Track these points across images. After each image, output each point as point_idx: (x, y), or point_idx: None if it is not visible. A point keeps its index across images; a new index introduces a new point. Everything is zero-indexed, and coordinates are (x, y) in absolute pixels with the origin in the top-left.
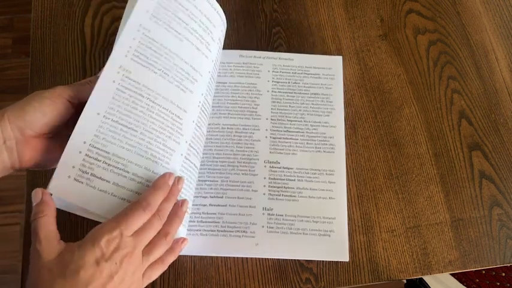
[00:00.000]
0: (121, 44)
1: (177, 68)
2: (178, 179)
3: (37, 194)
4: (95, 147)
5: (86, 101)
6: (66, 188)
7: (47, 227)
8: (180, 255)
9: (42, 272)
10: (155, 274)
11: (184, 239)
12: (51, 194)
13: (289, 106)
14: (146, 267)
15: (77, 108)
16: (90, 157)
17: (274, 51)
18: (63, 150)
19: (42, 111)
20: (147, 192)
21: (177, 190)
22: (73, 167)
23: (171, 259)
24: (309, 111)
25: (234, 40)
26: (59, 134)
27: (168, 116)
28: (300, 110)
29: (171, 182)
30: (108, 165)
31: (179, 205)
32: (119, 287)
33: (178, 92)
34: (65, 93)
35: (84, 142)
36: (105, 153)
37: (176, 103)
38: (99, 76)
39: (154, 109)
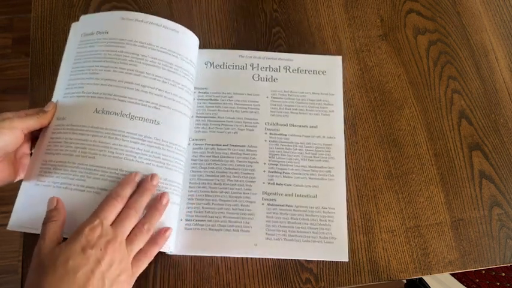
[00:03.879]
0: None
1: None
2: (152, 175)
3: (52, 201)
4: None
5: (34, 131)
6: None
7: (54, 231)
8: (180, 255)
9: (38, 264)
10: (141, 266)
11: (167, 229)
12: None
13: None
14: (132, 259)
15: (25, 136)
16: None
17: (274, 51)
18: (8, 172)
19: (4, 140)
20: (115, 186)
21: (149, 185)
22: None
23: (154, 250)
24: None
25: (234, 40)
26: (6, 158)
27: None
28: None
29: (137, 179)
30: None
31: (158, 198)
32: (108, 274)
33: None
34: (20, 125)
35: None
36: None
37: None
38: (46, 110)
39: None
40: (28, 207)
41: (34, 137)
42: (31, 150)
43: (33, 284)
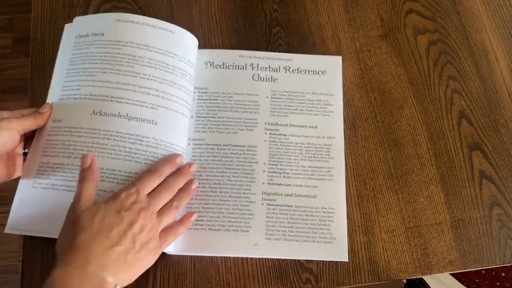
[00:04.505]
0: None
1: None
2: (190, 163)
3: (87, 159)
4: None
5: (29, 132)
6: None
7: (89, 191)
8: (180, 255)
9: (74, 221)
10: (167, 242)
11: (192, 213)
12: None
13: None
14: (160, 233)
15: (21, 136)
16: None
17: (274, 51)
18: (2, 172)
19: (3, 141)
20: (157, 162)
21: (187, 171)
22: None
23: (180, 230)
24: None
25: (234, 40)
26: (1, 158)
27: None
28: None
29: (178, 161)
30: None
31: (189, 183)
32: (138, 238)
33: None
34: (17, 126)
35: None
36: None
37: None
38: (41, 112)
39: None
40: (26, 210)
41: (27, 137)
42: (23, 150)
43: (68, 239)
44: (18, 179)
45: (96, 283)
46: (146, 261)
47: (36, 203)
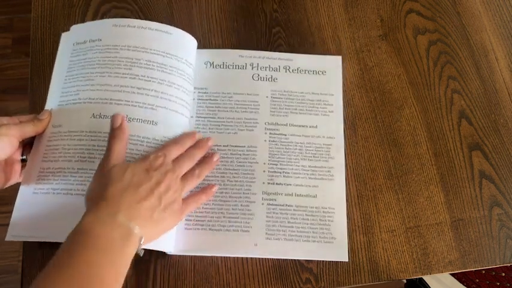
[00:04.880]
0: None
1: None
2: (208, 138)
3: (117, 119)
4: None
5: (27, 138)
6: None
7: (119, 149)
8: (180, 255)
9: (103, 175)
10: (189, 208)
11: (213, 185)
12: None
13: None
14: (182, 200)
15: (19, 143)
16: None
17: (274, 51)
18: (1, 177)
19: (2, 147)
20: (179, 136)
21: (205, 144)
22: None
23: (202, 198)
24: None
25: (234, 40)
26: None
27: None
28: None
29: (198, 137)
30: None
31: (210, 155)
32: (164, 197)
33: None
34: (17, 132)
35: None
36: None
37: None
38: (41, 118)
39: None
40: (27, 217)
41: (24, 144)
42: (21, 156)
43: (98, 190)
44: (19, 184)
45: (123, 232)
46: (169, 222)
47: (37, 208)
